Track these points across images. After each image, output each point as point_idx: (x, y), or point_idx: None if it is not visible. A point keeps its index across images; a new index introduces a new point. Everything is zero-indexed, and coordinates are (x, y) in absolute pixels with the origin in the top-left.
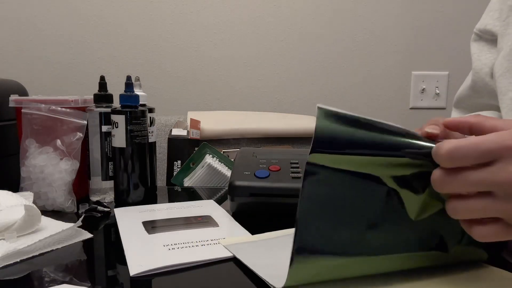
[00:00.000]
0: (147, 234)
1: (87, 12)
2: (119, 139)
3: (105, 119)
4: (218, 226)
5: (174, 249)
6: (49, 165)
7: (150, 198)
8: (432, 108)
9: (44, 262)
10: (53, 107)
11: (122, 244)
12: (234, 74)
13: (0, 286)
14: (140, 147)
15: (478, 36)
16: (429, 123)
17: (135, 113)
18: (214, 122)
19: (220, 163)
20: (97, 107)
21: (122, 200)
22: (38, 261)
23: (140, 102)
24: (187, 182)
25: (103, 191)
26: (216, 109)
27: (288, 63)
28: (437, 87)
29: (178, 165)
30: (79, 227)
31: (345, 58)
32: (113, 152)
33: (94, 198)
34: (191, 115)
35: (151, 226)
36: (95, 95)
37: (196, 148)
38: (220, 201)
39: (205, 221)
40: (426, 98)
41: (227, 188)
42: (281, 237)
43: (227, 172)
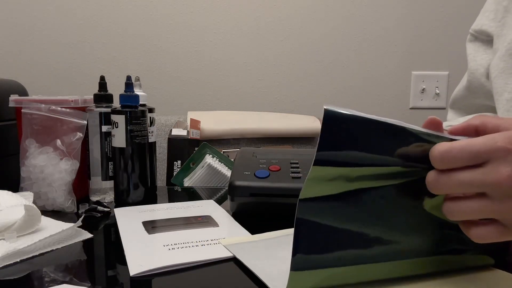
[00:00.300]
0: (147, 234)
1: (87, 12)
2: (119, 139)
3: (105, 119)
4: (218, 226)
5: (174, 249)
6: (49, 165)
7: (150, 198)
8: (432, 108)
9: (44, 262)
10: (53, 107)
11: (122, 244)
12: (234, 74)
13: (0, 286)
14: (140, 147)
15: (474, 37)
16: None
17: (135, 113)
18: (214, 122)
19: (220, 163)
20: (97, 107)
21: (122, 200)
22: (38, 261)
23: (140, 102)
24: (187, 182)
25: (103, 191)
26: (216, 109)
27: (288, 63)
28: (437, 87)
29: (178, 165)
30: (79, 227)
31: (345, 58)
32: (113, 152)
33: (94, 198)
34: (191, 115)
35: (151, 226)
36: (95, 95)
37: (196, 148)
38: (220, 201)
39: (205, 221)
40: (426, 98)
41: (227, 188)
42: (281, 237)
43: (227, 172)
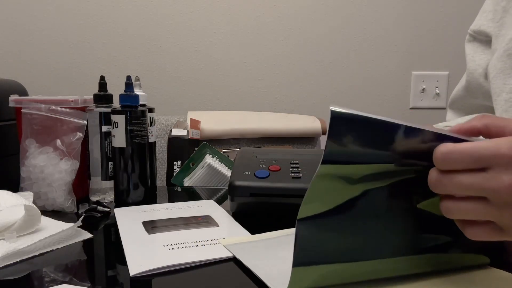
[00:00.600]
0: (147, 234)
1: (87, 12)
2: (119, 139)
3: (105, 119)
4: (218, 226)
5: (174, 249)
6: (49, 165)
7: (150, 198)
8: (432, 108)
9: (44, 262)
10: (53, 107)
11: (122, 244)
12: (234, 74)
13: (0, 286)
14: (140, 147)
15: (473, 37)
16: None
17: (135, 113)
18: (214, 122)
19: (220, 163)
20: (97, 107)
21: (122, 200)
22: (38, 261)
23: (140, 102)
24: (187, 182)
25: (103, 191)
26: (216, 109)
27: (288, 63)
28: (437, 87)
29: (178, 165)
30: (79, 227)
31: (345, 58)
32: (113, 152)
33: (94, 198)
34: (191, 115)
35: (151, 226)
36: (95, 95)
37: (196, 148)
38: (220, 201)
39: (205, 221)
40: (426, 98)
41: (227, 188)
42: (281, 237)
43: (227, 172)
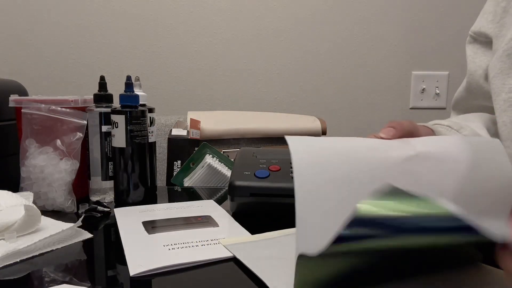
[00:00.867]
0: (147, 234)
1: (87, 12)
2: (119, 139)
3: (105, 119)
4: (218, 226)
5: (174, 249)
6: (49, 165)
7: (150, 198)
8: (432, 108)
9: (44, 262)
10: (53, 107)
11: (122, 244)
12: (234, 74)
13: (0, 286)
14: (140, 147)
15: (473, 39)
16: (388, 125)
17: (135, 113)
18: (214, 122)
19: (220, 163)
20: (97, 107)
21: (122, 200)
22: (38, 261)
23: (140, 102)
24: (187, 182)
25: (103, 191)
26: (216, 109)
27: (288, 63)
28: (437, 87)
29: (178, 165)
30: (79, 227)
31: (345, 58)
32: (113, 152)
33: (94, 198)
34: (191, 115)
35: (151, 226)
36: (95, 95)
37: (196, 148)
38: (220, 201)
39: (205, 221)
40: (426, 98)
41: (227, 188)
42: (281, 237)
43: (227, 172)
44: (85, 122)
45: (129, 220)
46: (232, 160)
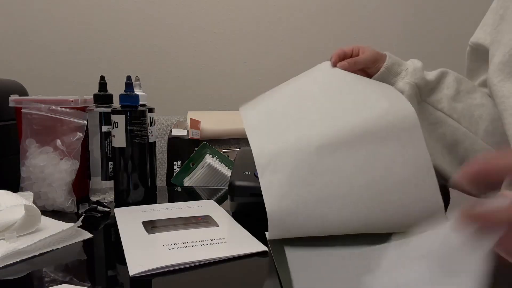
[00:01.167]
0: (147, 234)
1: (87, 12)
2: (119, 139)
3: (105, 119)
4: (218, 226)
5: (174, 249)
6: (49, 165)
7: (150, 198)
8: None
9: (44, 262)
10: (53, 107)
11: (122, 244)
12: (234, 74)
13: (0, 286)
14: (140, 147)
15: (472, 48)
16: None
17: (135, 113)
18: (214, 122)
19: (220, 163)
20: (97, 107)
21: (122, 200)
22: (38, 261)
23: (140, 102)
24: (187, 182)
25: (103, 191)
26: (216, 109)
27: (288, 63)
28: None
29: (178, 165)
30: (79, 227)
31: None
32: (113, 152)
33: (94, 198)
34: (191, 115)
35: (151, 226)
36: (95, 95)
37: (196, 148)
38: (220, 201)
39: (205, 221)
40: None
41: (227, 188)
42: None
43: (227, 172)
44: (85, 122)
45: (129, 220)
46: (232, 160)
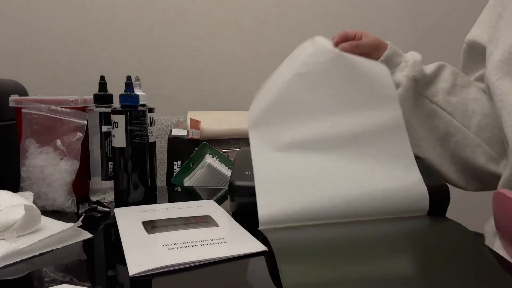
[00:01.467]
0: (147, 234)
1: (87, 12)
2: (119, 139)
3: (105, 119)
4: (218, 226)
5: (174, 249)
6: (49, 165)
7: (150, 198)
8: None
9: (44, 262)
10: (53, 107)
11: (122, 244)
12: (234, 74)
13: (0, 286)
14: (140, 147)
15: (468, 46)
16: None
17: (135, 113)
18: (214, 122)
19: (220, 163)
20: (97, 107)
21: (122, 200)
22: (38, 261)
23: (140, 102)
24: (187, 182)
25: (103, 191)
26: (216, 109)
27: None
28: None
29: (178, 165)
30: (79, 227)
31: None
32: (113, 152)
33: (94, 198)
34: (191, 115)
35: (151, 226)
36: (95, 95)
37: (196, 148)
38: (220, 201)
39: (205, 221)
40: None
41: (227, 188)
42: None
43: (227, 172)
44: (85, 122)
45: (129, 220)
46: (232, 160)
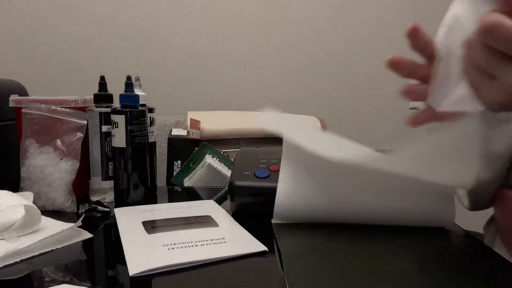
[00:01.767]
0: (147, 234)
1: (87, 12)
2: (119, 139)
3: (105, 119)
4: (218, 226)
5: (174, 249)
6: (49, 165)
7: (150, 198)
8: None
9: (44, 262)
10: (53, 107)
11: (122, 244)
12: (234, 74)
13: (0, 286)
14: (140, 147)
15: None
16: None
17: (135, 113)
18: (214, 122)
19: (220, 163)
20: (97, 107)
21: (122, 200)
22: (38, 261)
23: (140, 102)
24: (187, 182)
25: (103, 191)
26: (216, 109)
27: (288, 63)
28: None
29: (178, 165)
30: (79, 227)
31: (345, 58)
32: (113, 152)
33: (94, 198)
34: (191, 115)
35: (151, 226)
36: (95, 95)
37: (196, 148)
38: (220, 201)
39: (205, 221)
40: None
41: (227, 188)
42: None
43: (227, 172)
44: (85, 122)
45: (129, 220)
46: (232, 160)
